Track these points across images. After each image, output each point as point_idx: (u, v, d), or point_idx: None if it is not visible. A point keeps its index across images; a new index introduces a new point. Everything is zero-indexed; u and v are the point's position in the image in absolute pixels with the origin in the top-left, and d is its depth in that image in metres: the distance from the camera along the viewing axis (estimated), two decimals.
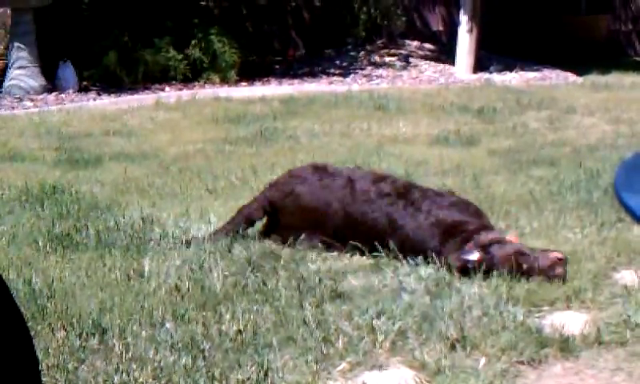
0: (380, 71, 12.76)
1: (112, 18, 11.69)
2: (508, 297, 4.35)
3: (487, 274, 4.57)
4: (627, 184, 2.08)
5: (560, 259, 4.57)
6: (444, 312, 4.17)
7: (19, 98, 10.80)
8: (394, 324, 4.06)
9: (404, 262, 4.80)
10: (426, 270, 4.62)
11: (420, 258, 4.76)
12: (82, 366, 3.72)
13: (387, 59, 13.38)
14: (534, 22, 14.47)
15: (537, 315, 4.22)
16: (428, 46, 14.05)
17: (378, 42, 14.00)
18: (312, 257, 4.98)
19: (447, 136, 8.27)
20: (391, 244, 4.87)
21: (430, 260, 4.72)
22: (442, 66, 12.96)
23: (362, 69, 12.89)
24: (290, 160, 7.26)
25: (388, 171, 6.79)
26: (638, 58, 15.04)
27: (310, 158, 7.29)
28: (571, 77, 12.42)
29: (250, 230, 5.31)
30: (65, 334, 3.98)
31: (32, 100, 10.75)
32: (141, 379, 3.59)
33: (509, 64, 13.00)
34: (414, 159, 7.30)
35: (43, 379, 3.57)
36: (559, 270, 4.54)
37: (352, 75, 12.52)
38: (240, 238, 5.19)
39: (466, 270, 4.59)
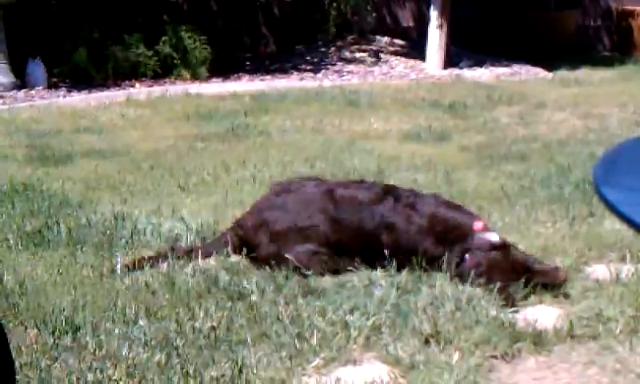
0: (351, 67, 12.75)
1: (81, 15, 11.61)
2: (480, 292, 4.36)
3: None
4: (606, 178, 2.09)
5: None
6: (417, 307, 4.19)
7: None
8: (367, 319, 4.07)
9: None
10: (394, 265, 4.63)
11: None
12: (55, 363, 3.71)
13: (358, 55, 13.37)
14: (504, 18, 14.51)
15: (510, 310, 4.23)
16: (398, 41, 14.05)
17: (349, 37, 13.99)
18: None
19: (419, 132, 8.28)
20: (384, 241, 4.70)
21: (419, 263, 4.60)
22: (412, 61, 12.96)
23: (332, 64, 12.88)
24: (261, 156, 7.26)
25: (360, 166, 6.82)
26: (607, 54, 15.10)
27: (282, 154, 7.31)
28: (541, 72, 12.46)
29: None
30: (37, 331, 3.96)
31: (1, 97, 10.65)
32: (114, 377, 3.59)
33: (479, 60, 13.03)
34: (385, 155, 7.30)
35: (16, 377, 3.55)
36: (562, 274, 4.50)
37: (323, 71, 12.50)
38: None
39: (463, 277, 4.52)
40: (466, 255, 4.53)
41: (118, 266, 4.74)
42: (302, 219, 4.78)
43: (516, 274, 4.43)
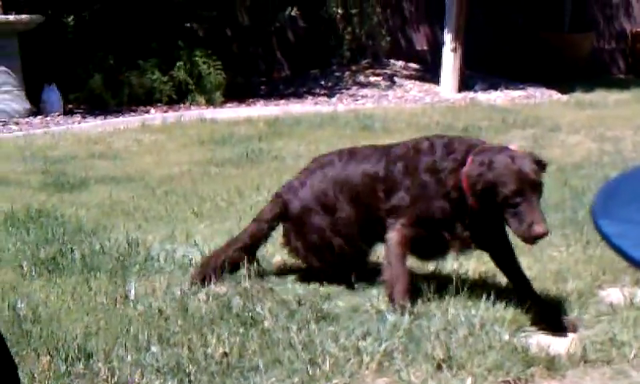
0: (365, 91, 12.79)
1: (97, 41, 11.70)
2: (493, 317, 4.35)
3: None
4: (604, 210, 2.09)
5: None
6: (430, 332, 4.17)
7: (4, 121, 10.78)
8: (379, 345, 4.05)
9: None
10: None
11: None
12: None
13: (372, 79, 13.41)
14: (518, 41, 14.53)
15: (522, 335, 4.22)
16: (413, 65, 14.09)
17: (363, 62, 14.04)
18: (299, 276, 4.98)
19: None
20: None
21: None
22: (427, 85, 13.00)
23: (347, 89, 12.92)
24: (275, 181, 7.25)
25: None
26: (621, 76, 15.11)
27: None
28: (555, 95, 12.47)
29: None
30: (50, 358, 3.96)
31: (17, 123, 10.73)
32: None
33: (493, 83, 13.04)
34: None
35: None
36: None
37: (337, 95, 12.54)
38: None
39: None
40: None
41: (132, 293, 4.75)
42: None
43: None
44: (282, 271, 5.11)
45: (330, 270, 4.90)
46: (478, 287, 4.67)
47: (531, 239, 4.19)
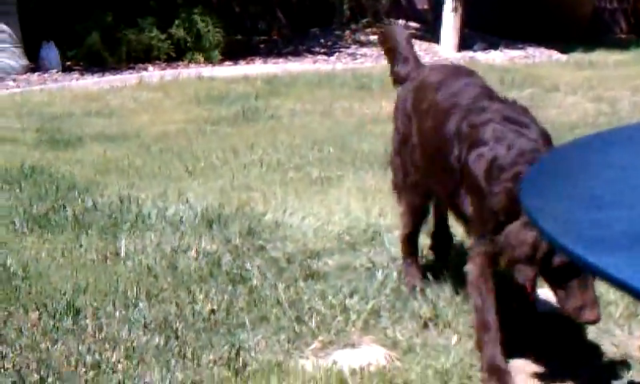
0: (364, 50, 12.74)
1: None
2: None
3: None
4: (533, 185, 2.10)
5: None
6: (417, 291, 4.19)
7: (1, 78, 10.76)
8: (366, 303, 4.08)
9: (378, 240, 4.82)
10: (396, 250, 4.62)
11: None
12: (55, 346, 3.73)
13: (372, 38, 13.34)
14: (519, 1, 14.45)
15: None
16: (413, 24, 14.03)
17: (363, 20, 13.98)
18: (290, 235, 4.99)
19: None
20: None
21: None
22: (426, 44, 12.93)
23: (346, 47, 12.87)
24: (270, 140, 7.27)
25: (368, 150, 6.82)
26: (623, 36, 15.04)
27: (291, 138, 7.32)
28: (555, 55, 12.42)
29: None
30: (38, 314, 3.99)
31: (15, 80, 10.71)
32: (113, 359, 3.61)
33: (493, 42, 12.99)
34: None
35: (16, 359, 3.59)
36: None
37: (336, 54, 12.50)
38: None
39: None
40: None
41: (122, 250, 4.77)
42: None
43: None
44: (274, 230, 5.11)
45: None
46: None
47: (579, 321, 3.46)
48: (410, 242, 4.34)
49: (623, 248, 1.67)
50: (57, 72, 11.11)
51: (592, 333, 3.87)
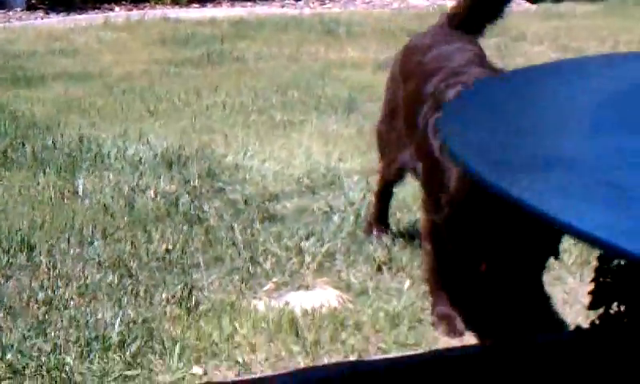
0: None
1: None
2: None
3: None
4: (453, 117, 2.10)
5: None
6: (372, 235, 4.20)
7: None
8: (322, 246, 4.09)
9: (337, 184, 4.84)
10: (354, 194, 4.64)
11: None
12: (8, 282, 3.73)
13: None
14: None
15: None
16: None
17: None
18: (250, 178, 4.99)
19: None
20: None
21: None
22: None
23: None
24: (234, 83, 7.24)
25: (332, 94, 6.81)
26: None
27: (255, 81, 7.30)
28: (524, 4, 12.40)
29: None
30: None
31: None
32: (66, 296, 3.60)
33: None
34: (358, 84, 7.28)
35: None
36: None
37: None
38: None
39: None
40: None
41: (80, 189, 4.75)
42: None
43: None
44: (234, 172, 5.10)
45: None
46: None
47: None
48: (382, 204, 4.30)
49: (528, 171, 1.66)
50: (21, 10, 11.00)
51: (544, 280, 3.91)
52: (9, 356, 3.12)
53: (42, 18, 10.64)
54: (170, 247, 4.05)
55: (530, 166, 1.70)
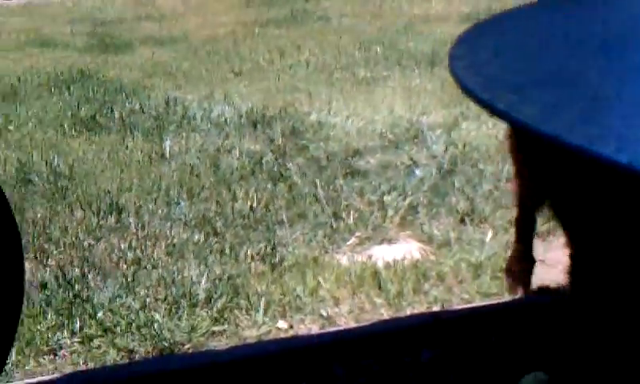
0: None
1: None
2: None
3: None
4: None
5: None
6: (455, 187, 4.21)
7: None
8: (404, 199, 4.11)
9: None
10: (437, 148, 4.64)
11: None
12: (98, 243, 3.82)
13: None
14: None
15: None
16: None
17: None
18: (333, 135, 5.02)
19: (479, 14, 8.18)
20: None
21: None
22: None
23: None
24: (317, 41, 7.27)
25: (415, 49, 6.80)
26: None
27: (339, 39, 7.31)
28: None
29: None
30: (83, 213, 4.08)
31: None
32: (154, 255, 3.68)
33: None
34: (442, 38, 7.23)
35: (60, 256, 3.69)
36: None
37: None
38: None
39: None
40: None
41: (167, 150, 4.84)
42: None
43: None
44: (317, 130, 5.14)
45: None
46: None
47: None
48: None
49: (517, 90, 1.65)
50: None
51: None
52: (100, 314, 3.21)
53: None
54: (255, 205, 4.11)
55: (524, 86, 1.69)
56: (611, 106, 1.53)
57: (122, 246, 3.76)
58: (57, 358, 3.01)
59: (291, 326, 3.23)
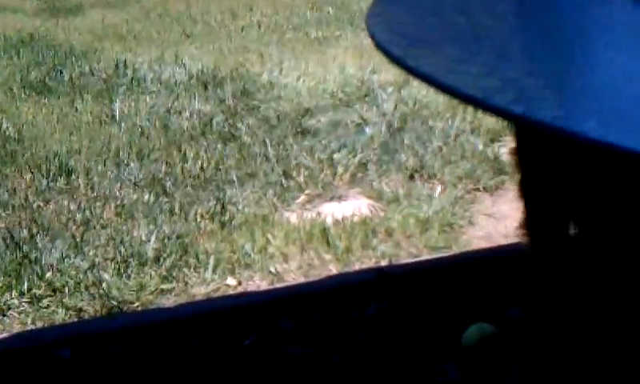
0: None
1: None
2: (472, 128, 4.40)
3: None
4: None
5: None
6: (404, 144, 4.23)
7: None
8: (354, 157, 4.12)
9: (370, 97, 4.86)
10: (387, 106, 4.66)
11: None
12: (48, 205, 3.81)
13: None
14: None
15: (497, 144, 4.27)
16: None
17: None
18: (285, 95, 5.02)
19: None
20: None
21: None
22: None
23: None
24: (269, 2, 7.25)
25: (367, 8, 6.79)
26: None
27: (290, 0, 7.28)
28: None
29: None
30: (32, 175, 4.06)
31: None
32: (103, 216, 3.68)
33: None
34: None
35: (8, 219, 3.67)
36: None
37: None
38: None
39: None
40: None
41: (116, 112, 4.82)
42: None
43: None
44: (268, 90, 5.14)
45: None
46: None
47: None
48: None
49: (427, 46, 1.67)
50: None
51: None
52: (48, 274, 3.21)
53: None
54: (205, 165, 4.11)
55: (435, 42, 1.71)
56: (515, 61, 1.55)
57: (72, 207, 3.75)
58: (5, 318, 3.01)
59: (240, 283, 3.24)
